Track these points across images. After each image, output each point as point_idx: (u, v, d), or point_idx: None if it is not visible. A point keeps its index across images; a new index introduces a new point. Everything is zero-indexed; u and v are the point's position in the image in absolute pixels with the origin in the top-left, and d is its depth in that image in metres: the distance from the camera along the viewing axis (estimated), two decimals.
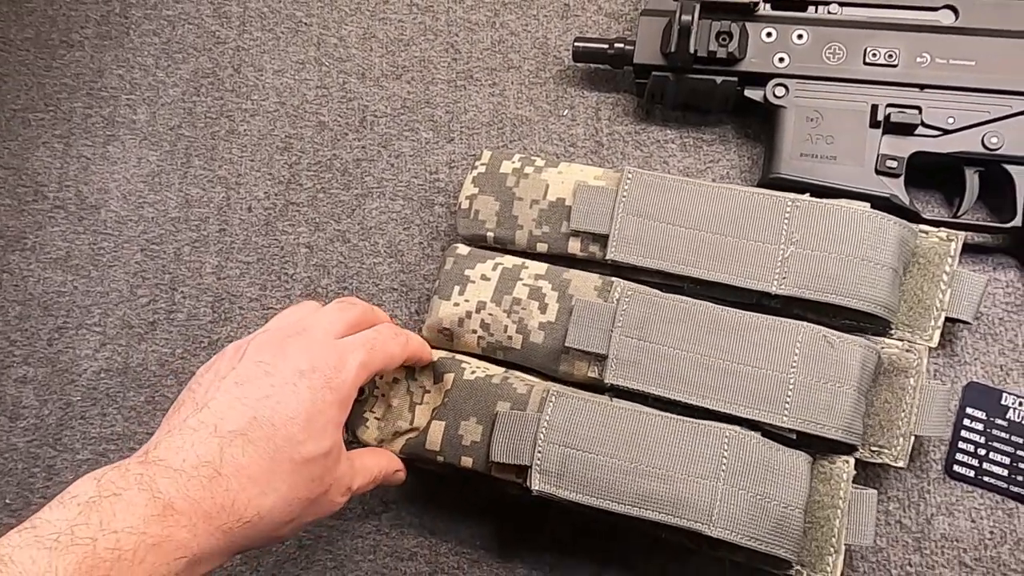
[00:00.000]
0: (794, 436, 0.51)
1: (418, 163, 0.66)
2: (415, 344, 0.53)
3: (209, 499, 0.39)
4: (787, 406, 0.50)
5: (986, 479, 0.54)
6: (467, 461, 0.52)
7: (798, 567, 0.50)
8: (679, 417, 0.51)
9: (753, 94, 0.59)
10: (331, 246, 0.65)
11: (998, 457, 0.55)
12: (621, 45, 0.62)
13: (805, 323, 0.51)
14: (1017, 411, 0.55)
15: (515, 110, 0.66)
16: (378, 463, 0.51)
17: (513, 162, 0.59)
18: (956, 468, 0.55)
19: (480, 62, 0.68)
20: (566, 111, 0.66)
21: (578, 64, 0.66)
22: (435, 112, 0.67)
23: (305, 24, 0.71)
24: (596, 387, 0.54)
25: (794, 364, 0.51)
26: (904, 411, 0.52)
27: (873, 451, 0.52)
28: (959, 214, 0.57)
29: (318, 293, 0.64)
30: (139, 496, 0.37)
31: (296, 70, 0.70)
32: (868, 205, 0.53)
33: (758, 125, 0.63)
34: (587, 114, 0.66)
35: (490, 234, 0.58)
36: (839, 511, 0.50)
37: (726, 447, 0.49)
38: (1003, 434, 0.55)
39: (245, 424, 0.41)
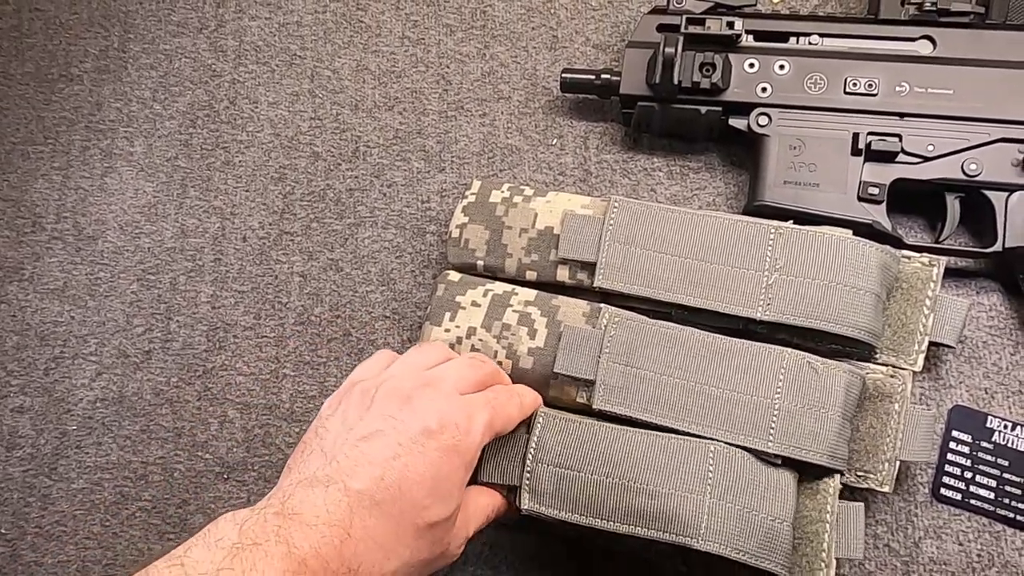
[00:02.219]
0: (779, 462, 0.51)
1: (410, 192, 0.67)
2: (529, 403, 0.52)
3: (337, 560, 0.38)
4: (772, 432, 0.51)
5: (973, 502, 0.55)
6: None
7: None
8: (663, 434, 0.51)
9: (737, 123, 0.60)
10: (324, 275, 0.66)
11: (984, 480, 0.55)
12: (608, 76, 0.63)
13: (789, 349, 0.52)
14: (1002, 434, 0.56)
15: (505, 139, 0.68)
16: (491, 502, 0.51)
17: (502, 191, 0.60)
18: (943, 491, 0.55)
19: (471, 93, 0.69)
20: (555, 140, 0.67)
21: (566, 94, 0.67)
22: (427, 142, 0.68)
23: (299, 57, 0.72)
24: (585, 412, 0.55)
25: (779, 390, 0.51)
26: (889, 436, 0.52)
27: (859, 476, 0.53)
28: (941, 239, 0.58)
29: (311, 321, 0.65)
30: (277, 549, 0.37)
31: (291, 102, 0.71)
32: (850, 232, 0.54)
33: (743, 153, 0.64)
34: (575, 143, 0.67)
35: (480, 262, 0.59)
36: (827, 524, 0.50)
37: (711, 461, 0.50)
38: (989, 457, 0.55)
39: (372, 485, 0.41)
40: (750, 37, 0.61)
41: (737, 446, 0.51)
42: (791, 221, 0.56)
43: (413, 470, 0.42)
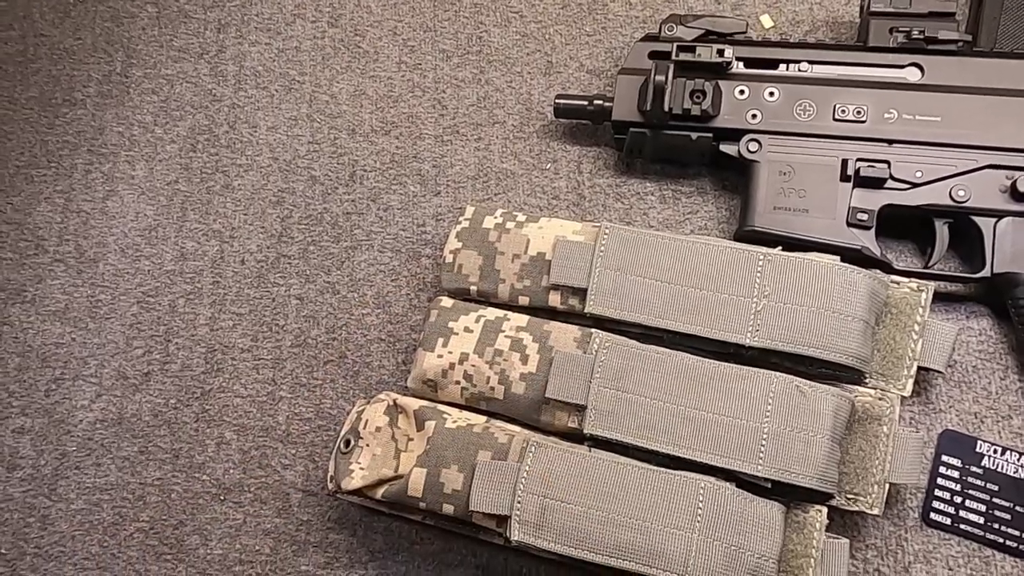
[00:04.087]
0: (769, 485, 0.51)
1: (406, 216, 0.68)
2: None
3: None
4: (761, 455, 0.51)
5: (962, 527, 0.55)
6: (448, 508, 0.53)
7: None
8: (656, 468, 0.52)
9: (728, 149, 0.61)
10: (321, 297, 0.67)
11: (974, 505, 0.55)
12: (600, 102, 0.64)
13: (778, 373, 0.53)
14: (992, 458, 0.56)
15: (500, 164, 0.69)
16: None
17: (495, 217, 0.61)
18: (933, 516, 0.56)
19: (466, 118, 0.70)
20: (549, 165, 0.68)
21: (560, 120, 0.68)
22: (422, 166, 0.69)
23: (298, 82, 0.74)
24: (576, 437, 0.55)
25: (767, 414, 0.52)
26: (878, 459, 0.53)
27: (849, 499, 0.53)
28: (930, 265, 0.59)
29: (308, 344, 0.66)
30: None
31: (289, 126, 0.72)
32: (839, 258, 0.55)
33: (735, 178, 0.64)
34: (569, 168, 0.68)
35: (473, 287, 0.60)
36: (812, 560, 0.51)
37: (701, 498, 0.50)
38: (979, 481, 0.56)
39: None
40: (740, 64, 0.62)
41: (727, 471, 0.52)
42: (780, 247, 0.56)
43: None
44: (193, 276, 0.69)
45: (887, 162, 0.58)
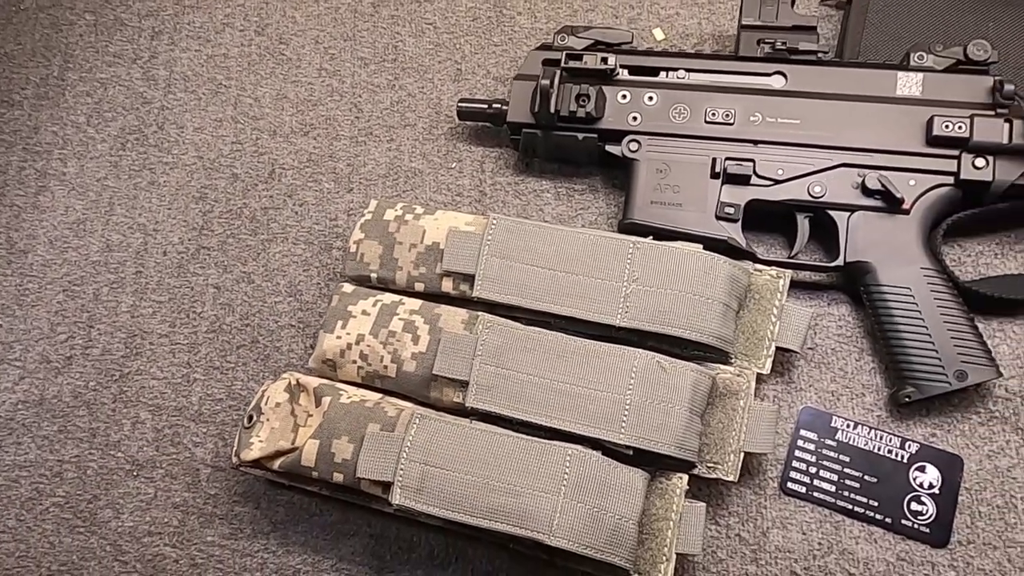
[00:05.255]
0: (631, 452, 0.56)
1: (320, 211, 0.73)
2: None
3: None
4: (623, 425, 0.56)
5: (816, 495, 0.60)
6: (338, 477, 0.57)
7: (635, 575, 0.55)
8: (528, 437, 0.56)
9: (612, 149, 0.66)
10: (237, 286, 0.71)
11: (827, 474, 0.60)
12: (499, 105, 0.69)
13: (641, 350, 0.57)
14: (845, 432, 0.61)
15: (409, 163, 0.73)
16: None
17: (396, 210, 0.65)
18: (790, 485, 0.60)
19: (380, 120, 0.75)
20: (454, 164, 0.73)
21: (465, 122, 0.73)
22: (337, 165, 0.74)
23: (225, 86, 0.78)
24: (463, 412, 0.59)
25: (630, 387, 0.56)
26: (735, 430, 0.57)
27: (709, 467, 0.58)
28: (793, 255, 0.64)
29: (222, 329, 0.69)
30: None
31: (214, 127, 0.77)
32: (701, 246, 0.60)
33: (622, 176, 0.69)
34: (473, 167, 0.72)
35: (373, 275, 0.64)
36: (672, 522, 0.55)
37: (567, 464, 0.55)
38: (832, 453, 0.60)
39: None
40: (625, 72, 0.67)
41: (593, 439, 0.56)
42: (651, 237, 0.61)
43: None
44: (117, 266, 0.73)
45: (752, 161, 0.63)
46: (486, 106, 0.69)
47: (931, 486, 0.59)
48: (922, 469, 0.59)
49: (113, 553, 0.64)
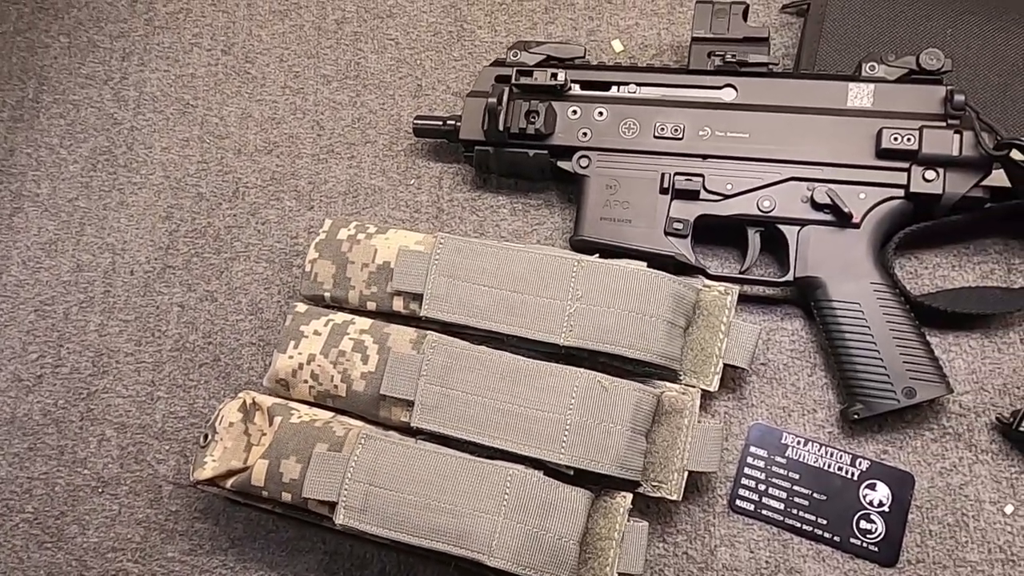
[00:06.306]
0: (571, 472, 0.56)
1: (281, 229, 0.73)
2: None
3: None
4: (564, 445, 0.56)
5: (764, 512, 0.59)
6: (286, 496, 0.58)
7: None
8: (471, 457, 0.56)
9: (564, 165, 0.66)
10: (200, 305, 0.72)
11: (776, 492, 0.60)
12: (453, 122, 0.69)
13: (583, 370, 0.57)
14: (795, 449, 0.60)
15: (369, 180, 0.74)
16: None
17: (349, 229, 0.66)
18: (738, 503, 0.60)
19: (341, 137, 0.76)
20: (413, 181, 0.73)
21: (423, 139, 0.73)
22: (299, 183, 0.75)
23: (192, 106, 0.79)
24: (410, 431, 0.60)
25: (571, 407, 0.56)
26: (679, 448, 0.57)
27: (654, 486, 0.58)
28: (744, 270, 0.63)
29: (186, 348, 0.71)
30: None
31: (181, 147, 0.78)
32: (645, 264, 0.59)
33: (575, 191, 0.69)
34: (431, 183, 0.73)
35: (327, 294, 0.65)
36: (615, 542, 0.55)
37: (508, 484, 0.55)
38: (781, 471, 0.60)
39: None
40: (577, 87, 0.67)
41: (535, 460, 0.56)
42: (597, 254, 0.61)
43: None
44: (87, 286, 0.74)
45: (701, 176, 0.63)
46: (441, 123, 0.69)
47: (881, 504, 0.58)
48: (872, 487, 0.59)
49: (79, 568, 0.65)
